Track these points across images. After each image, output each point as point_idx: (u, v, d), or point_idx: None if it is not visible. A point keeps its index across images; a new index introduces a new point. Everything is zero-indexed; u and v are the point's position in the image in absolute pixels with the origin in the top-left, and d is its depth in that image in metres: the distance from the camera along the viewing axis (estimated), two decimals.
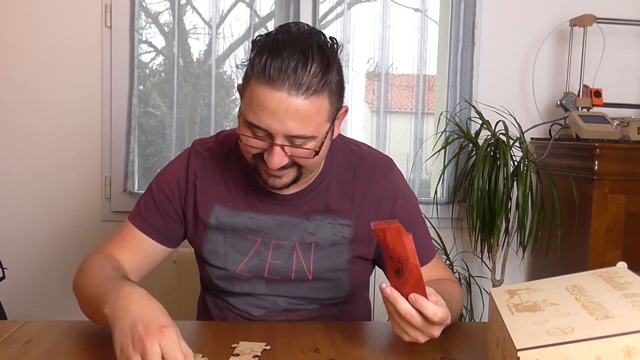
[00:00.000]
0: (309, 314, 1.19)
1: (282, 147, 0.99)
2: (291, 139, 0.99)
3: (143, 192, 1.16)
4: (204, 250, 1.17)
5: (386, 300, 0.91)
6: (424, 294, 0.89)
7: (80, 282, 1.09)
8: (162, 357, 0.80)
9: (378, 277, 1.26)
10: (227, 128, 2.53)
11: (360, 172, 1.18)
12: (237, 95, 2.58)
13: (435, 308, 0.88)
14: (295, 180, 1.07)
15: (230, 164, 1.17)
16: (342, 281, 1.17)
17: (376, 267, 1.26)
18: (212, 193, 1.16)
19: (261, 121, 0.97)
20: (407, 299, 0.89)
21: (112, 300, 0.90)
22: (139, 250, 1.17)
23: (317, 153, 1.01)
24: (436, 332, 0.91)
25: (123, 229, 1.20)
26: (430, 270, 1.20)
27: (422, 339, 0.91)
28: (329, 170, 1.17)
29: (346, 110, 1.09)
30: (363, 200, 1.17)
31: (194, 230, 1.18)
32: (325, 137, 1.02)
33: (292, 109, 0.95)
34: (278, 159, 0.99)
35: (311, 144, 1.01)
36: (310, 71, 0.95)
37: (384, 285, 0.90)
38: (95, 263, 1.12)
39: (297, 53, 0.94)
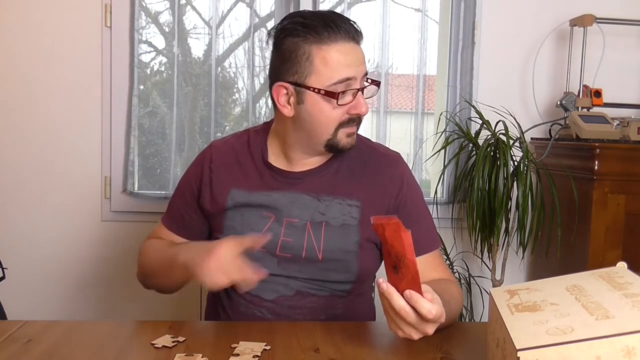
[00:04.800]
0: (318, 302, 1.22)
1: (361, 92, 1.15)
2: (363, 80, 1.16)
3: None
4: (224, 229, 1.24)
5: (382, 295, 0.92)
6: (420, 291, 0.89)
7: (147, 260, 1.28)
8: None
9: (381, 275, 1.26)
10: (227, 128, 2.54)
11: (369, 160, 1.27)
12: (237, 95, 2.59)
13: (430, 305, 0.89)
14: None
15: (247, 150, 1.27)
16: (350, 263, 1.21)
17: (382, 267, 1.27)
18: (228, 180, 1.25)
19: (349, 72, 1.12)
20: (403, 295, 0.90)
21: (181, 252, 1.13)
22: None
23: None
24: (430, 329, 0.92)
25: (158, 227, 1.36)
26: (431, 263, 1.23)
27: (415, 335, 0.92)
28: (339, 156, 1.25)
29: None
30: (371, 183, 1.24)
31: (214, 218, 1.26)
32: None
33: (360, 53, 1.15)
34: (365, 103, 1.16)
35: (369, 89, 1.18)
36: (355, 24, 1.15)
37: (380, 281, 0.92)
38: (153, 244, 1.30)
39: (337, 13, 1.14)
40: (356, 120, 1.18)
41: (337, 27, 1.10)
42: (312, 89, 1.12)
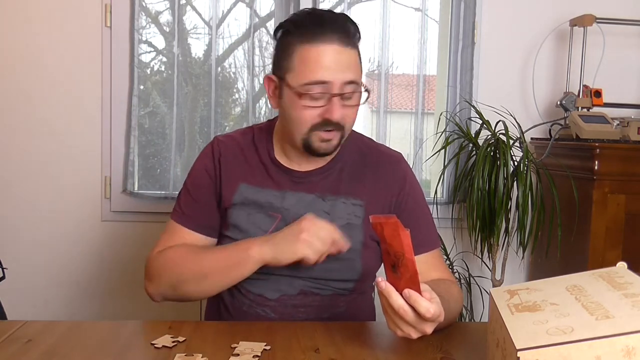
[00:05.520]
0: (322, 301, 1.22)
1: (339, 98, 1.11)
2: (344, 87, 1.11)
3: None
4: (229, 226, 1.22)
5: (380, 294, 0.92)
6: (418, 290, 0.90)
7: (181, 268, 1.18)
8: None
9: (381, 275, 1.26)
10: (227, 128, 2.54)
11: (371, 159, 1.27)
12: (237, 95, 2.58)
13: (428, 304, 0.89)
14: (337, 145, 1.18)
15: (253, 147, 1.26)
16: (354, 262, 1.21)
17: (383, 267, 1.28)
18: (236, 174, 1.24)
19: (323, 75, 1.09)
20: (401, 294, 0.90)
21: (254, 243, 1.12)
22: (197, 242, 1.26)
23: (365, 97, 1.15)
24: (428, 328, 0.92)
25: (168, 228, 1.26)
26: (431, 263, 1.23)
27: (414, 334, 0.92)
28: (343, 156, 1.25)
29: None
30: (374, 182, 1.24)
31: (223, 212, 1.24)
32: (360, 93, 1.15)
33: (345, 57, 1.10)
34: (339, 109, 1.11)
35: (356, 97, 1.14)
36: (348, 27, 1.12)
37: (379, 279, 0.92)
38: (182, 251, 1.20)
39: (333, 14, 1.13)
40: (332, 125, 1.13)
41: (323, 27, 1.09)
42: (287, 85, 1.13)
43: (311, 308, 1.21)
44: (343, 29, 1.10)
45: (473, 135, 2.30)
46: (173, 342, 0.99)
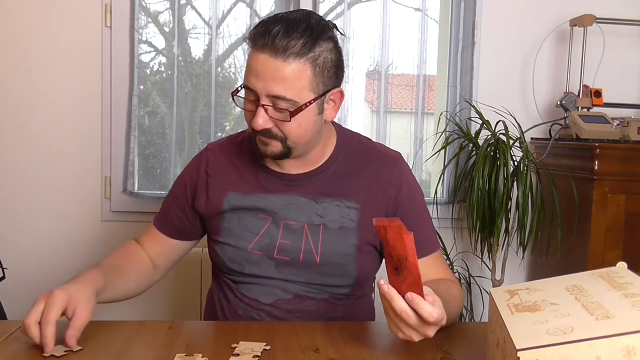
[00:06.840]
0: (318, 305, 1.21)
1: (265, 108, 1.08)
2: (273, 100, 1.07)
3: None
4: (221, 231, 1.23)
5: (383, 297, 0.92)
6: (421, 294, 0.89)
7: None
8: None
9: (380, 276, 1.26)
10: (227, 128, 2.54)
11: (368, 160, 1.25)
12: None
13: (431, 308, 0.89)
14: (286, 153, 1.14)
15: (242, 151, 1.27)
16: (349, 267, 1.20)
17: (382, 268, 1.27)
18: (225, 183, 1.24)
19: (250, 81, 1.08)
20: (404, 297, 0.90)
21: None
22: (158, 243, 1.33)
23: (292, 114, 1.07)
24: (431, 332, 0.92)
25: (149, 229, 1.36)
26: (431, 265, 1.22)
27: (416, 337, 0.92)
28: (338, 157, 1.23)
29: (341, 93, 1.16)
30: (370, 184, 1.22)
31: (210, 220, 1.25)
32: (307, 106, 1.08)
33: (272, 69, 1.05)
34: (260, 118, 1.08)
35: (287, 113, 1.08)
36: (291, 37, 1.04)
37: (381, 282, 0.91)
38: (116, 250, 1.34)
39: (284, 23, 1.05)
40: (264, 132, 1.12)
41: (262, 35, 1.05)
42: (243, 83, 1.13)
43: (307, 313, 1.21)
44: (274, 41, 1.04)
45: (473, 135, 2.30)
46: (65, 351, 0.93)
